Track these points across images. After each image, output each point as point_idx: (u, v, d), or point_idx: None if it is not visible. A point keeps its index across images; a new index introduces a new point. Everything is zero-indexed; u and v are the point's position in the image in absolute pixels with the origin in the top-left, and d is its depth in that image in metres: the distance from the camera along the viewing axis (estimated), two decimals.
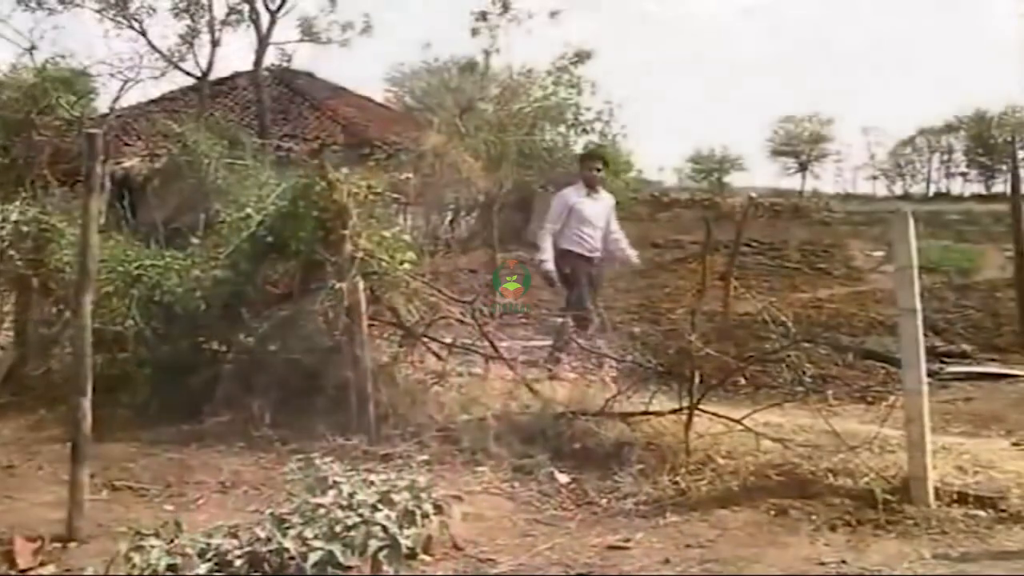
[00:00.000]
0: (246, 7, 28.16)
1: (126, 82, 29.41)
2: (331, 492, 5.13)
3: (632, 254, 11.17)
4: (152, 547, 4.69)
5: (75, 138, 18.88)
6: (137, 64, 29.49)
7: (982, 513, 5.85)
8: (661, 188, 49.22)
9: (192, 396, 8.24)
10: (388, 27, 62.00)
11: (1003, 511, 5.86)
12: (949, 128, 74.02)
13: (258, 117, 26.00)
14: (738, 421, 7.04)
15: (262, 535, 4.74)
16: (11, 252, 9.40)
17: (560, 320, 9.74)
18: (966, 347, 12.99)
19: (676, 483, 6.50)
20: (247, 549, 4.66)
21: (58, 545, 5.58)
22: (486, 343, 8.41)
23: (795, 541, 5.63)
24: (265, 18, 27.90)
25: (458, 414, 7.73)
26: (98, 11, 29.13)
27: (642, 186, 38.82)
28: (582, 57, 30.17)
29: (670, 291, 19.34)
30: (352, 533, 4.76)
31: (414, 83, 41.61)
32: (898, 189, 73.50)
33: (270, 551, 4.63)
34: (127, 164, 21.64)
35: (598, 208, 10.57)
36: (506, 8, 28.16)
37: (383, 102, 37.21)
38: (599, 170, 10.77)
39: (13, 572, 5.25)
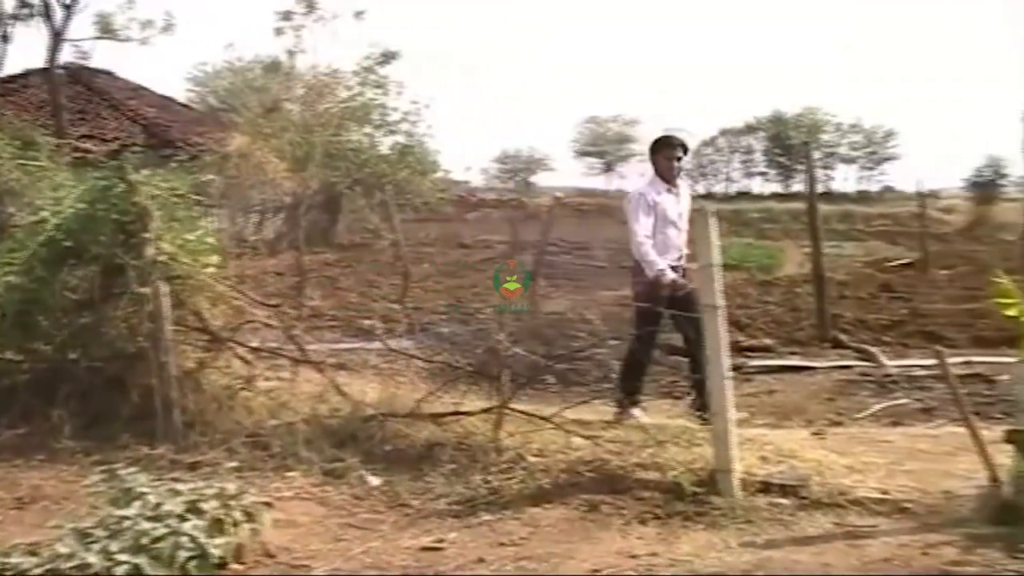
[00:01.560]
0: (38, 1, 27.02)
1: None
2: (136, 503, 5.02)
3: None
4: None
5: None
6: None
7: (785, 501, 6.06)
8: (468, 188, 49.46)
9: None
10: (190, 25, 60.78)
11: (805, 498, 6.09)
12: (749, 129, 76.39)
13: (54, 117, 25.08)
14: (548, 419, 7.12)
15: (64, 551, 4.60)
16: None
17: (631, 351, 8.22)
18: (768, 341, 13.43)
19: (488, 482, 6.54)
20: (48, 567, 4.52)
21: None
22: (294, 346, 8.32)
23: (607, 536, 5.73)
24: (59, 13, 26.88)
25: (267, 419, 7.63)
26: None
27: (450, 186, 38.96)
28: (388, 57, 30.23)
29: (479, 291, 19.43)
30: (160, 545, 4.67)
31: (217, 83, 40.82)
32: (701, 188, 75.38)
33: (73, 567, 4.49)
34: None
35: (681, 206, 8.47)
36: (311, 8, 27.93)
37: (186, 102, 36.40)
38: (679, 159, 8.55)
39: None
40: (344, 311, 14.36)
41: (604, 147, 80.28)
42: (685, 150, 8.62)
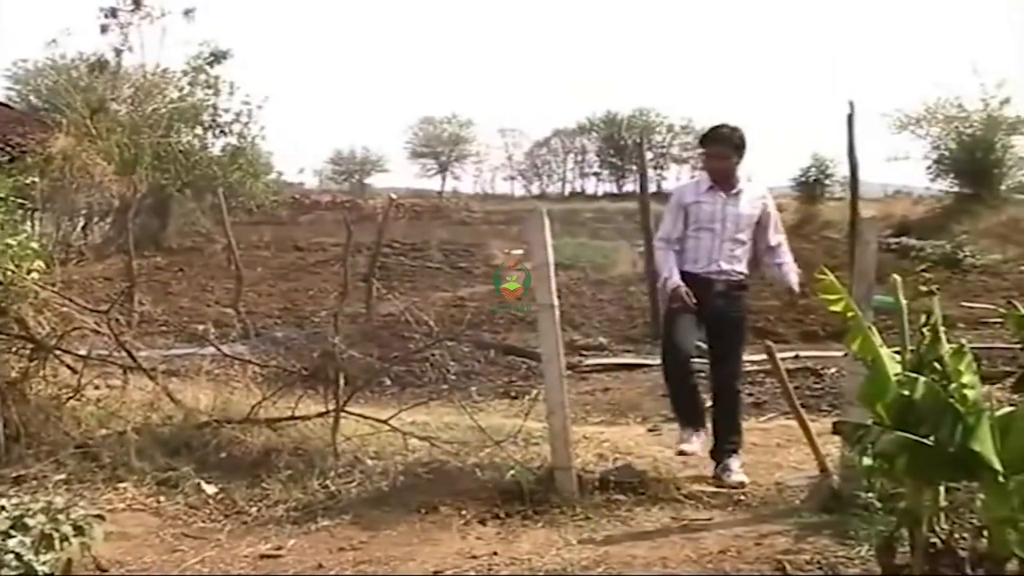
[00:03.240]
0: None
1: None
2: None
3: (792, 278, 7.18)
4: None
5: None
6: None
7: (623, 497, 6.21)
8: (302, 190, 48.88)
9: None
10: (9, 21, 58.67)
11: (642, 494, 6.25)
12: (582, 130, 77.11)
13: None
14: (385, 421, 7.13)
15: None
16: None
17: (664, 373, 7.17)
18: (603, 340, 13.68)
19: (326, 487, 6.53)
20: None
21: None
22: (124, 354, 8.12)
23: (447, 537, 5.76)
24: None
25: (96, 429, 7.46)
26: None
27: (283, 188, 38.49)
28: (219, 57, 29.67)
29: (313, 293, 19.30)
30: None
31: (39, 81, 39.49)
32: (535, 189, 75.90)
33: None
34: None
35: (730, 209, 7.01)
36: (138, 5, 27.25)
37: (5, 101, 35.14)
38: (726, 157, 7.09)
39: None
40: (176, 316, 14.08)
41: (439, 148, 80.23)
42: (736, 147, 7.08)
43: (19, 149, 20.18)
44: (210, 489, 6.63)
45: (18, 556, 4.61)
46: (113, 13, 27.28)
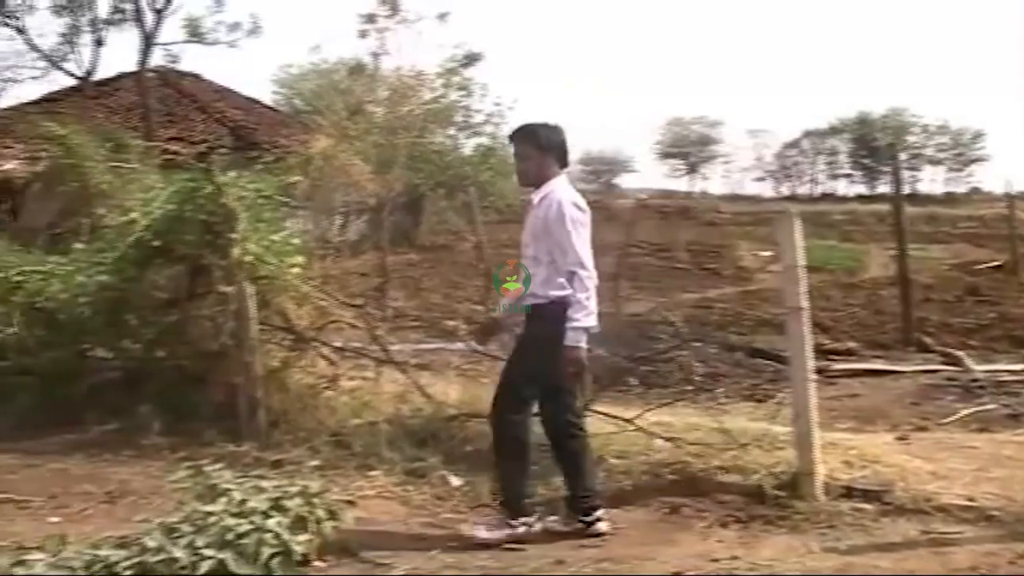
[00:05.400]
0: (130, 6, 27.53)
1: (4, 83, 28.73)
2: (222, 500, 5.07)
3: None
4: (36, 561, 4.60)
5: None
6: (15, 64, 28.80)
7: (868, 506, 6.00)
8: None
9: (76, 405, 8.09)
10: (276, 28, 61.36)
11: (888, 504, 6.02)
12: (833, 131, 75.52)
13: (143, 119, 25.49)
14: (630, 421, 7.11)
15: (152, 545, 4.66)
16: None
17: None
18: (852, 344, 13.27)
19: None
20: (136, 560, 4.58)
21: None
22: (378, 347, 8.37)
23: (687, 538, 5.71)
24: (150, 17, 27.35)
25: (350, 418, 7.69)
26: None
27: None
28: (472, 59, 30.32)
29: None
30: (244, 541, 4.71)
31: (302, 85, 41.18)
32: (785, 190, 74.74)
33: (160, 561, 4.56)
34: (6, 167, 21.09)
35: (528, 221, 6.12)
36: (394, 10, 28.07)
37: (271, 104, 36.79)
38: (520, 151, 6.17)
39: None
40: (427, 312, 14.43)
41: (687, 148, 79.83)
42: (527, 137, 6.10)
43: (283, 150, 21.05)
44: (456, 481, 6.75)
45: (277, 535, 4.81)
46: (371, 19, 28.21)
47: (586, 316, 5.70)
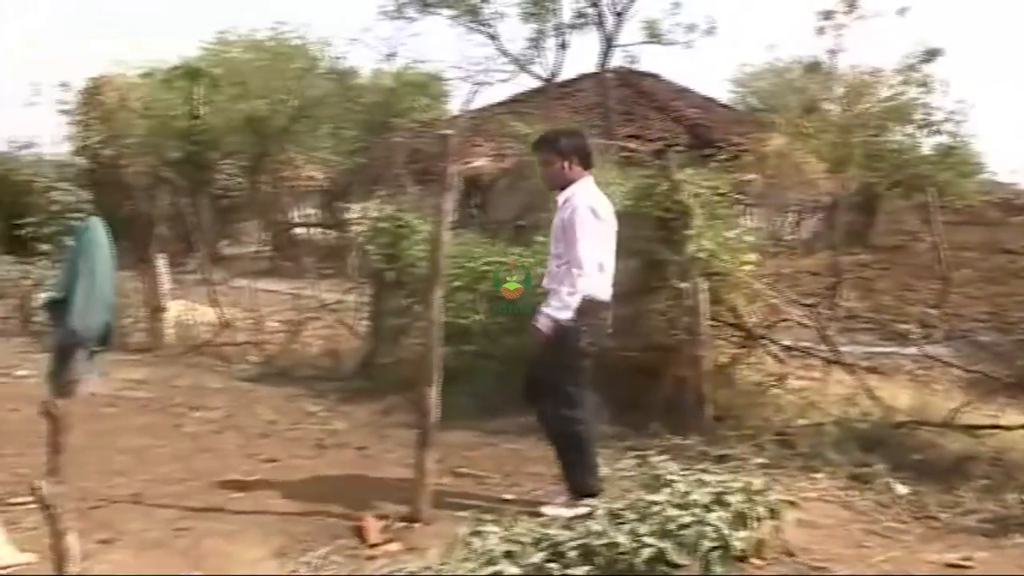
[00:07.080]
0: (592, 10, 28.64)
1: (477, 85, 30.75)
2: (666, 490, 5.19)
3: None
4: (491, 533, 4.89)
5: (429, 139, 19.79)
6: (487, 67, 30.76)
7: None
8: (1014, 190, 46.47)
9: None
10: (731, 28, 61.39)
11: None
12: None
13: (603, 117, 26.35)
14: None
15: (596, 528, 4.84)
16: (369, 247, 10.01)
17: None
18: None
19: None
20: (581, 541, 4.76)
21: (403, 524, 5.94)
22: (827, 347, 8.25)
23: None
24: (610, 21, 28.29)
25: (795, 418, 7.65)
26: (452, 18, 30.42)
27: (994, 188, 36.86)
28: (932, 55, 29.11)
29: (1022, 299, 18.27)
30: (685, 532, 4.79)
31: (757, 84, 41.11)
32: None
33: (603, 544, 4.71)
34: (476, 164, 22.47)
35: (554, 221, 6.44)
36: (852, 6, 27.46)
37: (726, 103, 36.93)
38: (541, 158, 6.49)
39: (363, 546, 5.60)
40: (878, 314, 14.01)
41: None
42: (541, 144, 6.52)
43: (738, 148, 21.11)
44: (901, 489, 6.55)
45: (717, 529, 4.85)
46: (829, 16, 27.74)
47: (559, 309, 6.07)
